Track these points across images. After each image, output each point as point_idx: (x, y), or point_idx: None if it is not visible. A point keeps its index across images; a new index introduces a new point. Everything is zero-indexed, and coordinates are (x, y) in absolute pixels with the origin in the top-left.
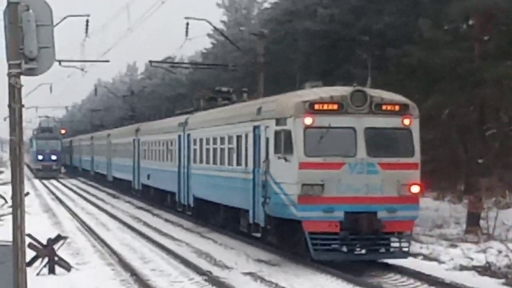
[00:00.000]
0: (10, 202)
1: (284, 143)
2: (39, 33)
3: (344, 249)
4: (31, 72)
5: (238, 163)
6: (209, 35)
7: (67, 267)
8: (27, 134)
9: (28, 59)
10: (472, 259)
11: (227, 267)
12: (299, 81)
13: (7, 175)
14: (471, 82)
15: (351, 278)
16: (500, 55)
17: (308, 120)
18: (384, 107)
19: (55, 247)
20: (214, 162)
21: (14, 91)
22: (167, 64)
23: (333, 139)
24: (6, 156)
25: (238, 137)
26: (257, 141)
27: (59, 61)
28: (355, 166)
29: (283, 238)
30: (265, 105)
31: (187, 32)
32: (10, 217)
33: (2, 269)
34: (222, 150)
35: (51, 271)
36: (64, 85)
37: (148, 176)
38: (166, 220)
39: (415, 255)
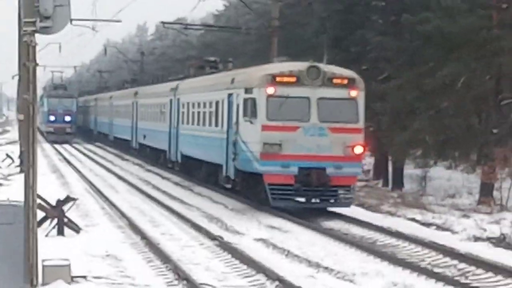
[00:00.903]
0: (17, 162)
1: (250, 109)
2: None
3: (302, 199)
4: (46, 30)
5: (216, 125)
6: None
7: (76, 229)
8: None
9: (43, 17)
10: (485, 230)
11: (238, 233)
12: (312, 46)
13: (13, 134)
14: (488, 51)
15: (366, 246)
16: None
17: (270, 90)
18: (334, 81)
19: (64, 208)
20: (198, 124)
21: (29, 49)
22: (179, 25)
23: (290, 106)
24: (12, 115)
25: (217, 102)
26: (230, 106)
27: (71, 20)
28: (308, 130)
29: (248, 189)
30: (237, 76)
31: None
32: (17, 176)
33: (12, 230)
34: (204, 113)
35: (60, 232)
36: (73, 45)
37: (144, 136)
38: (157, 174)
39: (428, 225)
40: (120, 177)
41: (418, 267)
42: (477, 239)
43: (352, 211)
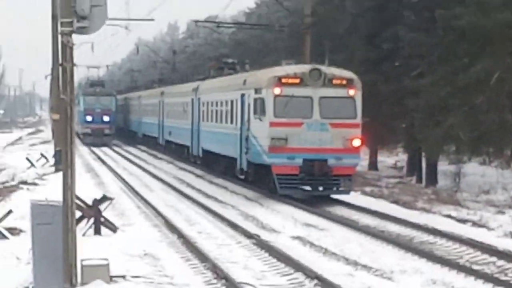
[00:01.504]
0: (51, 161)
1: (260, 107)
2: None
3: (307, 188)
4: (83, 30)
5: (231, 122)
6: None
7: (113, 228)
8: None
9: (80, 17)
10: None
11: (275, 231)
12: (345, 43)
13: (47, 133)
14: None
15: (404, 244)
16: None
17: (277, 90)
18: (334, 81)
19: (101, 207)
20: (216, 121)
21: (66, 50)
22: (211, 23)
23: (295, 105)
24: (45, 114)
25: (232, 102)
26: (243, 105)
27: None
28: (311, 125)
29: (259, 179)
30: (248, 78)
31: None
32: (52, 176)
33: (51, 229)
34: (221, 111)
35: (97, 232)
36: (105, 44)
37: (170, 133)
38: (181, 168)
39: (464, 221)
40: (150, 173)
41: (457, 265)
42: None
43: (388, 207)
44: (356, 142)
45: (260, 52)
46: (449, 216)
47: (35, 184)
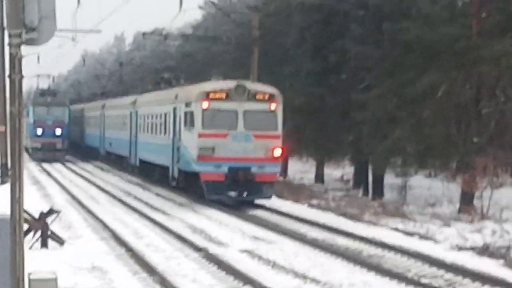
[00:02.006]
0: None
1: (189, 120)
2: (40, 2)
3: (232, 193)
4: (32, 42)
5: (165, 133)
6: (200, 7)
7: (60, 241)
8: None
9: (29, 28)
10: (467, 239)
11: (223, 244)
12: (292, 56)
13: None
14: (468, 59)
15: (352, 257)
16: (498, 32)
17: (205, 105)
18: (257, 96)
19: (48, 220)
20: (151, 133)
21: (15, 62)
22: (159, 36)
23: (221, 117)
24: None
25: (165, 114)
26: (175, 118)
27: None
28: (236, 136)
29: (189, 186)
30: (180, 93)
31: (181, 3)
32: None
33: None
34: (156, 124)
35: (44, 245)
36: (52, 55)
37: (110, 144)
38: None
39: (411, 234)
40: (95, 184)
41: (405, 278)
42: (460, 248)
43: (335, 220)
44: (277, 152)
45: (207, 65)
46: (396, 229)
47: None
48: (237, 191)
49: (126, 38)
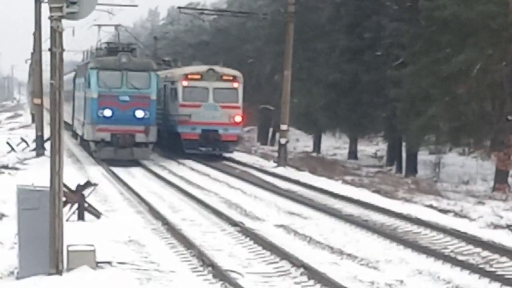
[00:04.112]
0: (32, 146)
1: (174, 94)
2: None
3: (204, 149)
4: (72, 16)
5: (160, 105)
6: None
7: (97, 214)
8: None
9: (69, 2)
10: (501, 217)
11: (259, 219)
12: (326, 32)
13: (26, 118)
14: (504, 37)
15: (388, 233)
16: None
17: (184, 83)
18: (224, 77)
19: (85, 193)
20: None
21: (56, 35)
22: (195, 10)
23: (196, 92)
24: (23, 98)
25: (160, 90)
26: (165, 93)
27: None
28: (207, 107)
29: (173, 143)
30: (168, 74)
31: None
32: (33, 161)
33: (38, 215)
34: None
35: (81, 217)
36: (86, 29)
37: None
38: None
39: (445, 212)
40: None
41: (442, 255)
42: (495, 226)
43: (369, 197)
44: (238, 118)
45: (241, 40)
46: (430, 206)
47: (16, 168)
48: (208, 147)
49: (160, 13)
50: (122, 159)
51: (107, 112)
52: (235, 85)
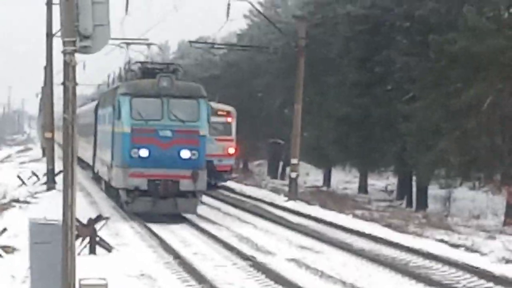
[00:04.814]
0: (43, 180)
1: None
2: (94, 10)
3: None
4: (85, 50)
5: None
6: (245, 16)
7: (108, 248)
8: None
9: (82, 36)
10: None
11: (270, 253)
12: (337, 66)
13: (36, 151)
14: None
15: (400, 268)
16: None
17: None
18: (219, 112)
19: (96, 227)
20: None
21: (69, 69)
22: (205, 44)
23: None
24: (33, 132)
25: None
26: None
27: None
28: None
29: None
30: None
31: (228, 13)
32: (44, 194)
33: (50, 248)
34: None
35: (92, 251)
36: (97, 63)
37: None
38: None
39: (457, 246)
40: None
41: None
42: (508, 261)
43: (380, 231)
44: (231, 150)
45: (251, 74)
46: (441, 241)
47: (27, 202)
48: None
49: (171, 47)
50: (162, 213)
51: (143, 152)
52: (229, 119)
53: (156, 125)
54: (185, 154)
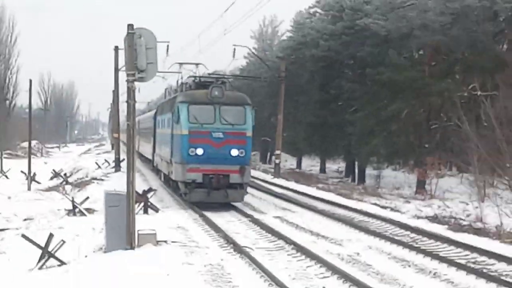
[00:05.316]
0: (112, 165)
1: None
2: (147, 53)
3: None
4: (141, 79)
5: None
6: (245, 57)
7: (156, 209)
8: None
9: (139, 70)
10: (421, 211)
11: (263, 212)
12: (305, 90)
13: (107, 146)
14: (422, 93)
15: (349, 221)
16: (442, 75)
17: None
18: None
19: (148, 195)
20: None
21: (130, 92)
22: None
23: None
24: (105, 133)
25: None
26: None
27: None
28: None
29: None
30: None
31: (234, 54)
32: (113, 175)
33: (118, 210)
34: None
35: (145, 212)
36: (148, 88)
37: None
38: None
39: (385, 207)
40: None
41: (384, 236)
42: (418, 217)
43: (335, 198)
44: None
45: (249, 95)
46: (375, 204)
47: (102, 179)
48: None
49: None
50: (215, 202)
51: (199, 151)
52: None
53: (210, 128)
54: (234, 152)
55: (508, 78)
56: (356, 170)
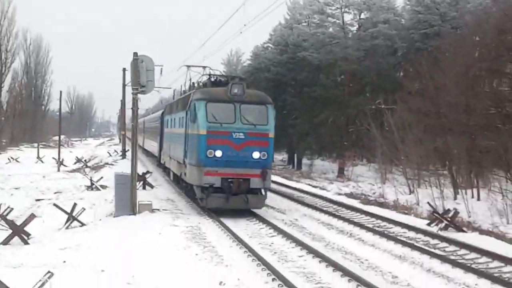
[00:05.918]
0: (119, 154)
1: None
2: (147, 73)
3: None
4: (142, 92)
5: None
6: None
7: (152, 186)
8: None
9: (141, 86)
10: (341, 190)
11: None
12: None
13: (116, 141)
14: (343, 106)
15: (289, 196)
16: (357, 93)
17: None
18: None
19: (146, 176)
20: None
21: (134, 101)
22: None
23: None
24: (115, 131)
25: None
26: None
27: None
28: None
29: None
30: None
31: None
32: (121, 161)
33: (124, 186)
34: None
35: (144, 188)
36: (146, 98)
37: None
38: None
39: (315, 187)
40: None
41: (315, 206)
42: (339, 194)
43: (280, 179)
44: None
45: None
46: (309, 184)
47: (112, 164)
48: None
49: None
50: (234, 209)
51: (218, 153)
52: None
53: (230, 128)
54: (256, 155)
55: (403, 96)
56: (296, 160)
